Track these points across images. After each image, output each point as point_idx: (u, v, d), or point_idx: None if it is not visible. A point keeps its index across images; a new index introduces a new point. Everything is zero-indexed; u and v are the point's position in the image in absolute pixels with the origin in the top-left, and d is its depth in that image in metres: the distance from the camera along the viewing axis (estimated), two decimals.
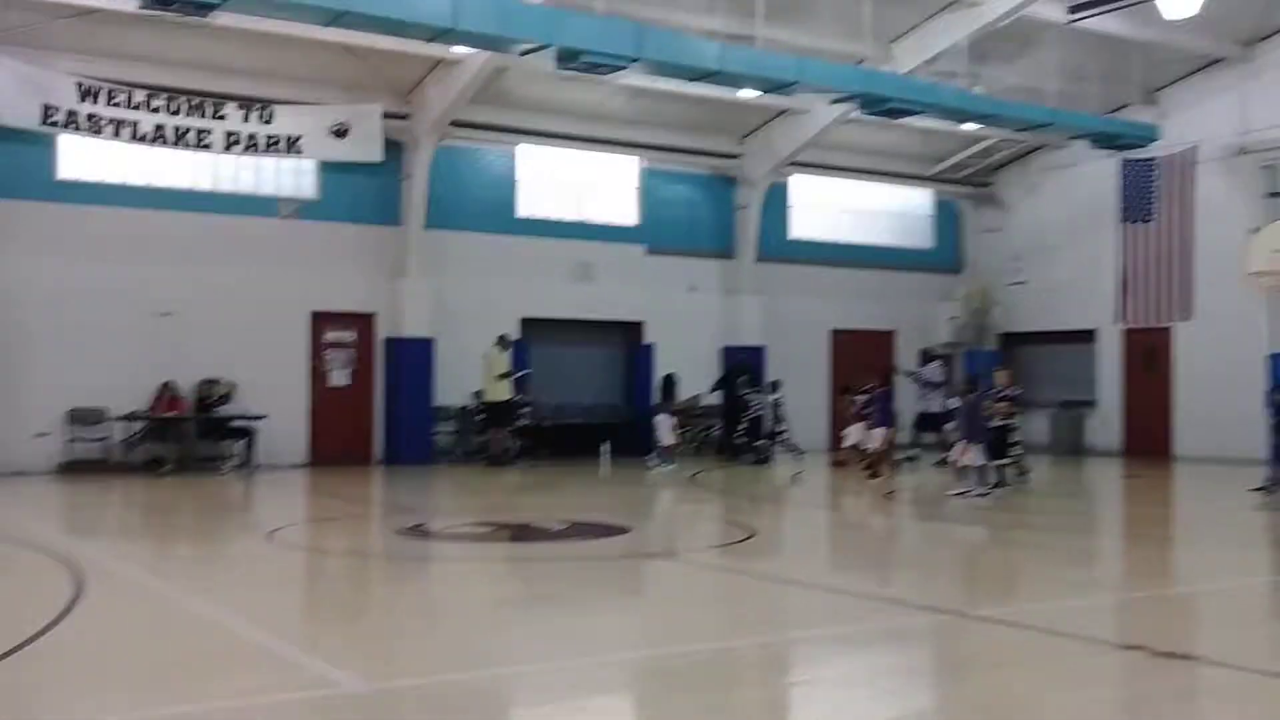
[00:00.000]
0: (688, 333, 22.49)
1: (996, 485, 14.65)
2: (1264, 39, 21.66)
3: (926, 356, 20.32)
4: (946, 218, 26.66)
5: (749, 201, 23.17)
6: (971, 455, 14.51)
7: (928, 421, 20.55)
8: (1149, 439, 22.65)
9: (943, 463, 17.43)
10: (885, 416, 17.27)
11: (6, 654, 6.05)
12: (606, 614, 8.01)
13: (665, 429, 19.48)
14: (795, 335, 23.51)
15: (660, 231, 22.61)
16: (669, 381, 20.77)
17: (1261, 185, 17.96)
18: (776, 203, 23.84)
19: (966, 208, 26.81)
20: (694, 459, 20.79)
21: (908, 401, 21.33)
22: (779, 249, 23.84)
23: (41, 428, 16.84)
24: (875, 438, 16.94)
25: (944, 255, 26.50)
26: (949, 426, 17.46)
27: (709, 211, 23.28)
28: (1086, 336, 24.27)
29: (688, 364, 21.82)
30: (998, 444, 14.90)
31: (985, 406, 15.03)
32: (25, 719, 5.15)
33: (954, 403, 17.04)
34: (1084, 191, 24.20)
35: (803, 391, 22.23)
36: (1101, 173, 23.11)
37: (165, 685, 5.74)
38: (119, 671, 6.06)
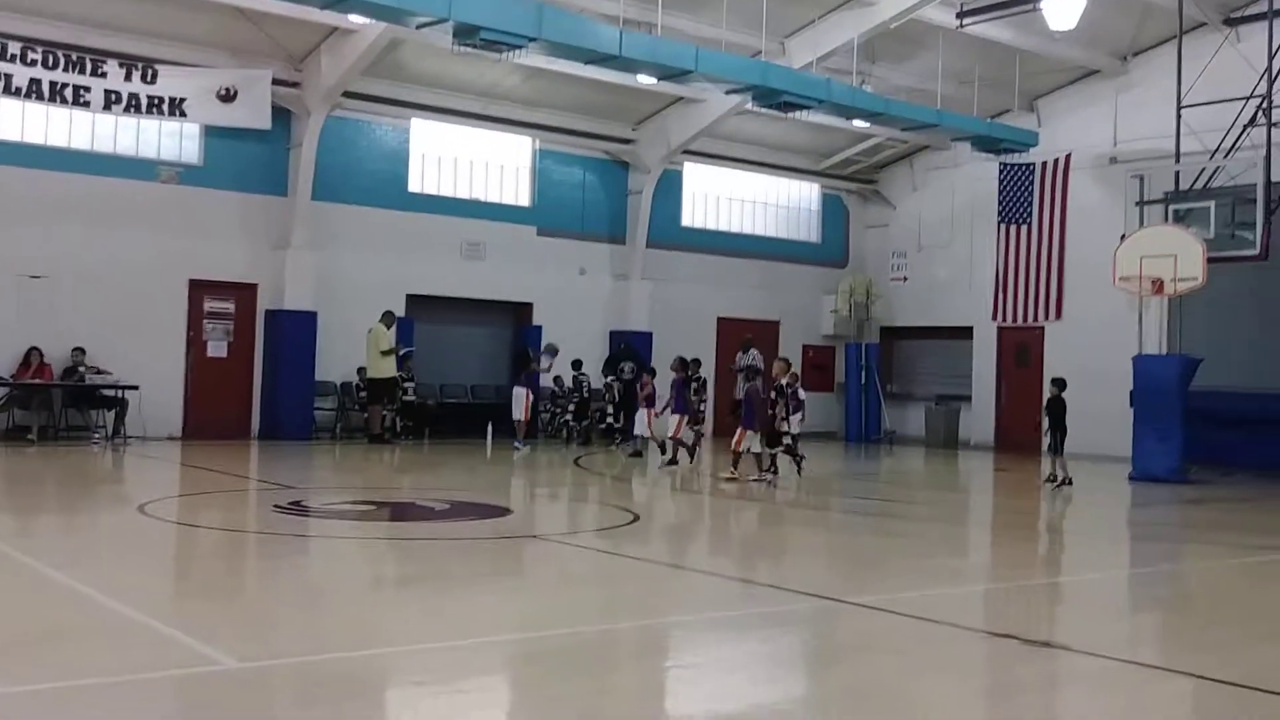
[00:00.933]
0: (577, 316, 22.50)
1: (769, 471, 15.17)
2: (1137, 54, 22.49)
3: (745, 346, 20.22)
4: (833, 212, 27.11)
5: (641, 187, 23.25)
6: (748, 440, 15.02)
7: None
8: (1020, 434, 23.39)
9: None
10: (680, 404, 17.10)
11: None
12: (487, 595, 7.97)
13: (519, 403, 18.87)
14: (683, 321, 23.70)
15: (552, 213, 22.57)
16: (525, 354, 19.93)
17: (1131, 194, 18.63)
18: (669, 190, 23.98)
19: (853, 203, 27.31)
20: (577, 443, 20.82)
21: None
22: (670, 236, 23.99)
23: None
24: (670, 425, 17.01)
25: (829, 249, 26.96)
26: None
27: (602, 195, 23.30)
28: (964, 333, 24.93)
29: (576, 348, 21.80)
30: (772, 433, 15.48)
31: (755, 394, 15.77)
32: None
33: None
34: (965, 192, 24.86)
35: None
36: (983, 174, 23.77)
37: (30, 659, 5.55)
38: None
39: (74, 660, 5.53)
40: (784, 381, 15.74)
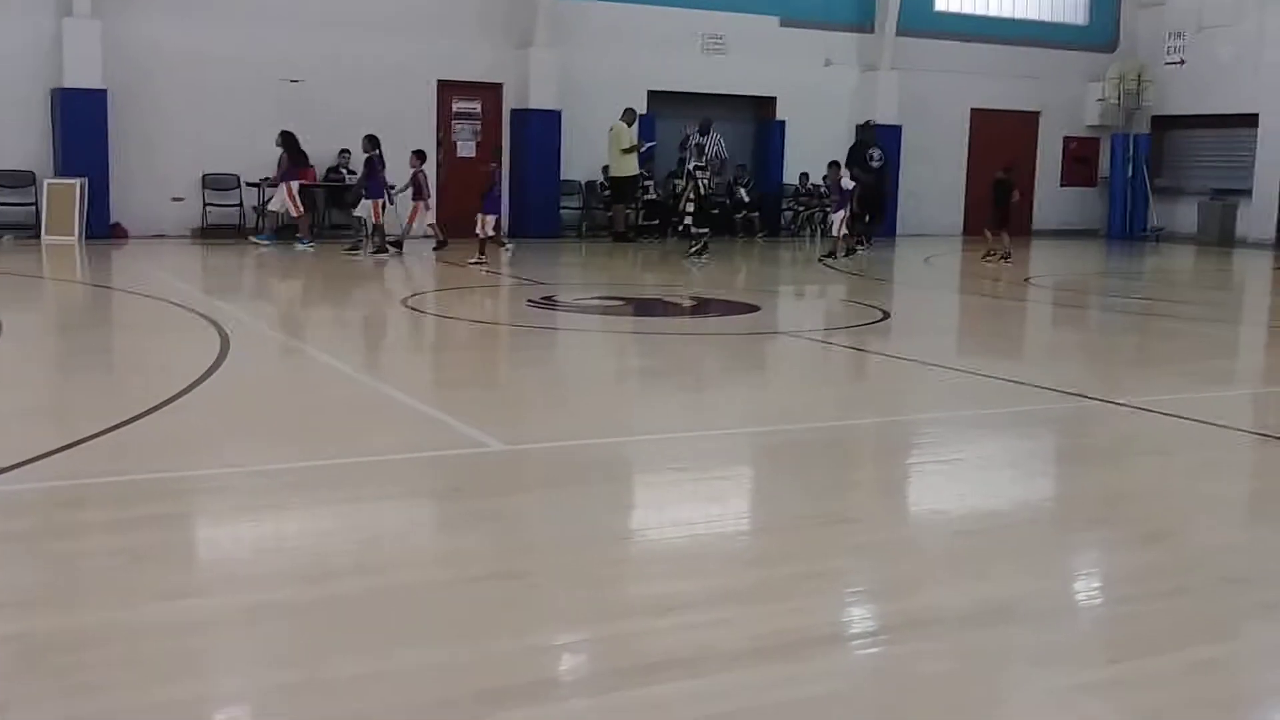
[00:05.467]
0: (821, 110, 21.74)
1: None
2: None
3: (704, 128, 18.13)
4: None
5: None
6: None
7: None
8: None
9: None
10: (492, 204, 16.05)
11: (160, 405, 6.26)
12: (735, 388, 7.98)
13: (281, 198, 16.30)
14: (933, 115, 22.57)
15: (796, 3, 21.62)
16: (289, 140, 16.45)
17: None
18: None
19: None
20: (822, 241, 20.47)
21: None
22: (921, 22, 22.65)
23: (177, 192, 17.13)
24: (487, 224, 16.01)
25: (1097, 32, 24.91)
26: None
27: None
28: (1248, 121, 22.80)
29: (820, 141, 21.15)
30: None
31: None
32: (181, 464, 5.33)
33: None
34: None
35: (939, 174, 21.52)
36: None
37: (322, 437, 5.90)
38: (271, 422, 6.25)
39: (354, 440, 5.83)
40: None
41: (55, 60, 16.53)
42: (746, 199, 20.94)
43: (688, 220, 16.84)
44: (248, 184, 17.54)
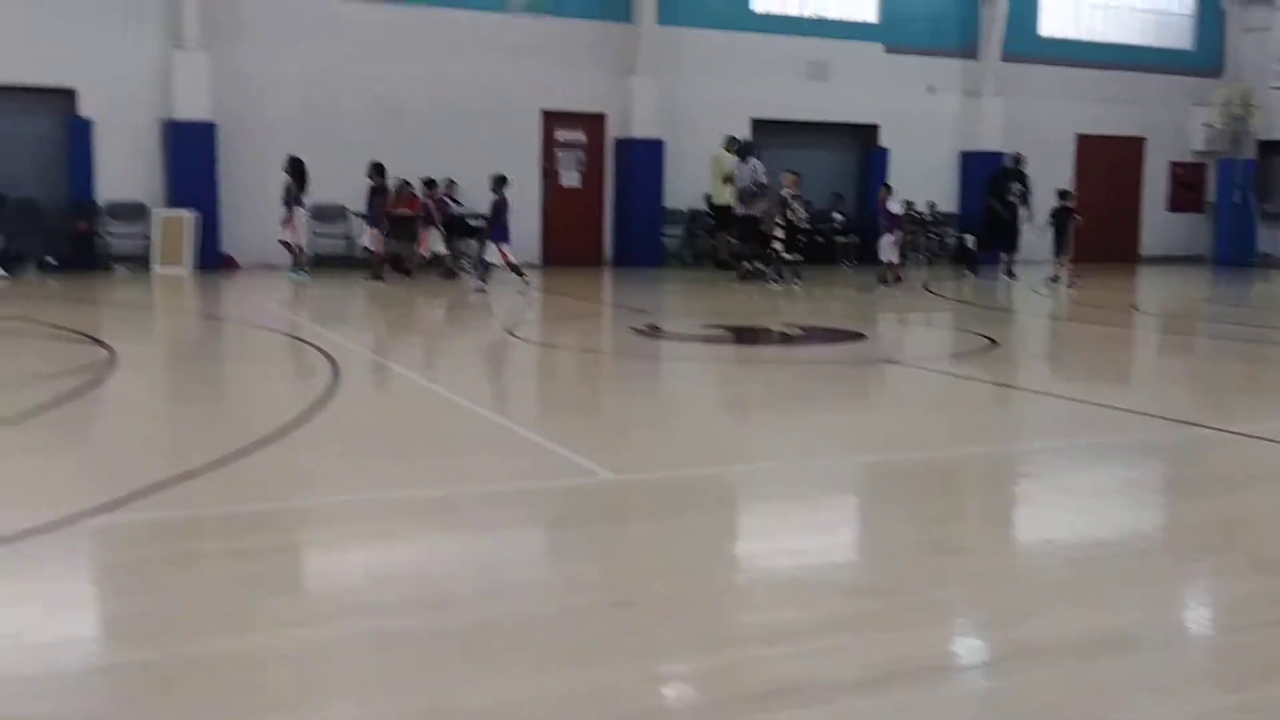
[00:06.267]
0: (924, 137, 21.57)
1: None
2: None
3: (742, 151, 17.90)
4: (1209, 14, 24.39)
5: None
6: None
7: None
8: None
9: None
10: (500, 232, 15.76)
11: (273, 435, 6.40)
12: (840, 416, 7.92)
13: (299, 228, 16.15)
14: (1038, 141, 22.20)
15: (900, 28, 21.51)
16: (296, 167, 16.00)
17: None
18: None
19: (1230, 4, 24.41)
20: (928, 269, 20.24)
21: None
22: (1025, 47, 22.37)
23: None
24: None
25: (1203, 56, 24.35)
26: None
27: (952, 7, 21.95)
28: None
29: (923, 168, 20.98)
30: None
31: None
32: (294, 494, 5.45)
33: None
34: None
35: (1045, 200, 21.07)
36: None
37: (431, 465, 5.98)
38: (382, 451, 6.34)
39: (463, 468, 5.90)
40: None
41: (165, 93, 17.04)
42: (841, 226, 20.83)
43: (777, 247, 16.86)
44: (353, 214, 17.86)
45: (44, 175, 16.90)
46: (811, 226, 19.09)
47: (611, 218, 20.04)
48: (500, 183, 15.81)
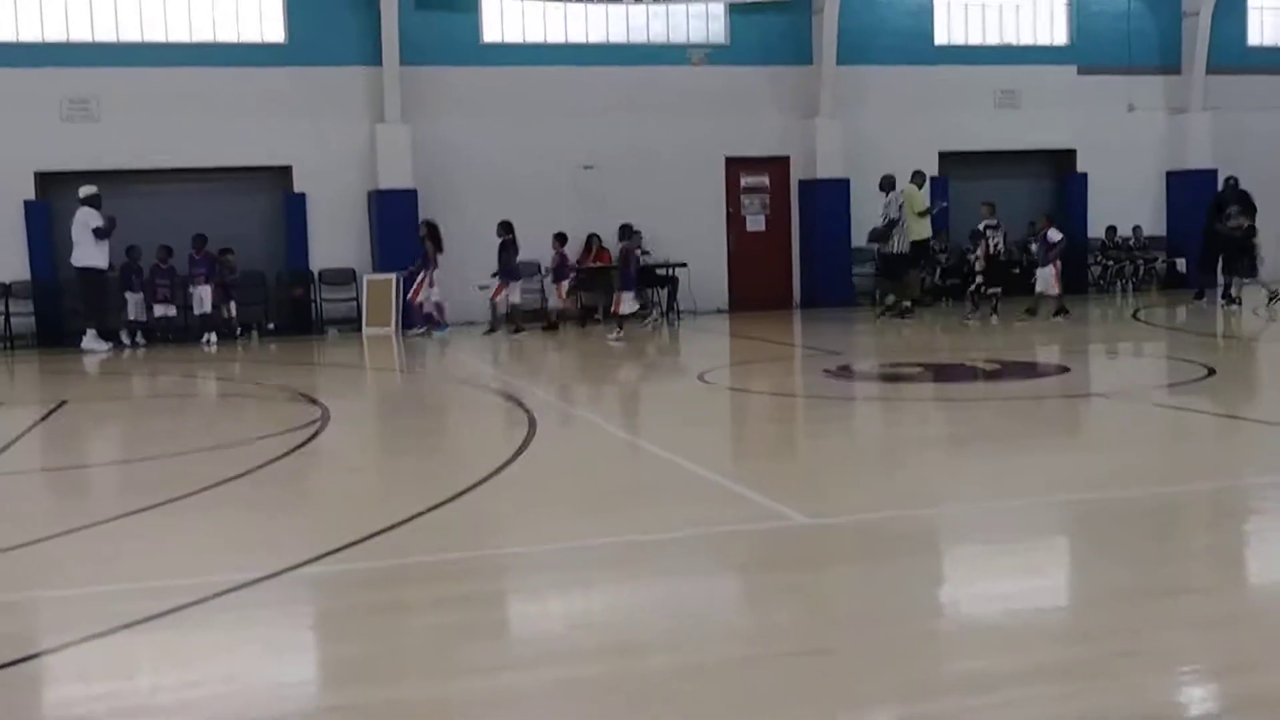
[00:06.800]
0: (1126, 158, 20.71)
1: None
2: None
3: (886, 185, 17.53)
4: None
5: (1198, 7, 20.73)
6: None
7: None
8: None
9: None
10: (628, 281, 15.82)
11: (475, 485, 6.58)
12: (1045, 454, 7.60)
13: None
14: (1253, 157, 21.00)
15: (1094, 48, 20.78)
16: (433, 232, 16.97)
17: None
18: (1231, 4, 21.19)
19: None
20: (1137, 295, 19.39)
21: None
22: (1234, 58, 21.27)
23: (481, 280, 18.07)
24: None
25: None
26: None
27: (1150, 21, 21.08)
28: None
29: (1126, 192, 20.15)
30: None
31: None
32: (495, 542, 5.57)
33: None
34: None
35: (1264, 220, 19.93)
36: None
37: (625, 514, 6.02)
38: (578, 500, 6.42)
39: (658, 515, 5.92)
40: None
41: (371, 164, 17.97)
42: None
43: (979, 281, 16.44)
44: (546, 269, 18.24)
45: (264, 246, 17.96)
46: (1009, 257, 18.57)
47: (799, 260, 19.93)
48: (627, 233, 16.28)
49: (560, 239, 17.52)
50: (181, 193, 17.81)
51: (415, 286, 16.99)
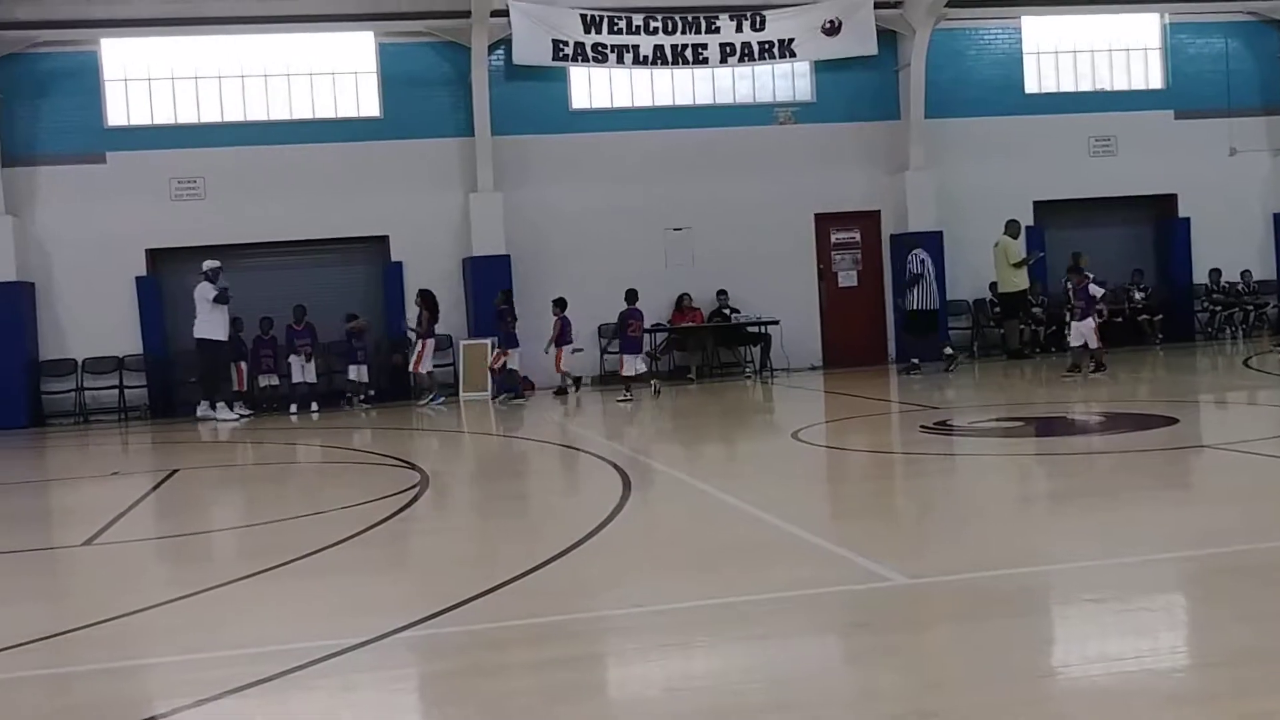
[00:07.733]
0: (1229, 202, 20.29)
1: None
2: None
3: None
4: None
5: None
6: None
7: None
8: None
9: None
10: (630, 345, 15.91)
11: (571, 548, 6.59)
12: (1154, 509, 7.38)
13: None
14: None
15: (1191, 92, 20.46)
16: (429, 300, 17.37)
17: None
18: None
19: None
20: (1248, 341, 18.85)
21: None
22: None
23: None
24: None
25: None
26: None
27: (1250, 62, 20.71)
28: None
29: (1231, 235, 19.69)
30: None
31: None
32: (592, 605, 5.56)
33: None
34: None
35: None
36: None
37: (717, 575, 5.97)
38: (674, 561, 6.39)
39: (754, 576, 5.86)
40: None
41: (465, 232, 18.36)
42: (1141, 303, 19.75)
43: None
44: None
45: (364, 315, 18.33)
46: (1109, 306, 18.19)
47: (893, 315, 19.77)
48: (562, 305, 16.71)
49: (560, 304, 17.20)
50: (282, 265, 18.37)
51: (415, 358, 17.10)
